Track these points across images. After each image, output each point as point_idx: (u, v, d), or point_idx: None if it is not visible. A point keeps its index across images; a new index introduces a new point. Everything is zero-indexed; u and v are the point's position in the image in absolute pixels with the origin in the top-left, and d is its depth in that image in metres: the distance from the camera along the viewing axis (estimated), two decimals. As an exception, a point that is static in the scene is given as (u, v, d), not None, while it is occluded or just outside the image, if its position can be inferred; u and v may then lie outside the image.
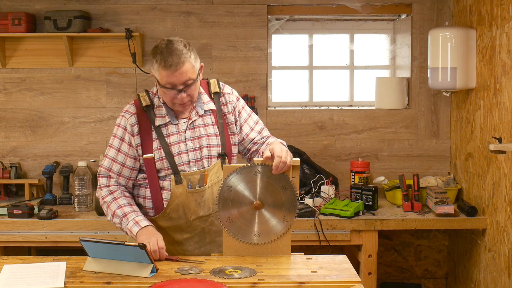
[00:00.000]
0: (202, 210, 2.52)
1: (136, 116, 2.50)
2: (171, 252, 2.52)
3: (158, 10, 4.18)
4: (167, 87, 2.40)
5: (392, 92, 4.28)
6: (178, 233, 2.53)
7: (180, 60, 2.35)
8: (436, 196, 3.68)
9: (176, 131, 2.51)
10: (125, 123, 2.51)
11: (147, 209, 2.55)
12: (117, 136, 2.52)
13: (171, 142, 2.49)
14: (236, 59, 4.21)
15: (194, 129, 2.52)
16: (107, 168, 2.52)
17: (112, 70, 4.19)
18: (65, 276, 2.15)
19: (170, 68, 2.35)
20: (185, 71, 2.37)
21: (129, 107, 2.55)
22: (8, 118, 4.21)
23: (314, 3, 4.24)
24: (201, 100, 2.56)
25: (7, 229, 3.58)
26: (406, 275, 4.44)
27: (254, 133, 2.64)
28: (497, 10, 3.44)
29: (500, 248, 3.45)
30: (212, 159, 2.52)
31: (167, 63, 2.35)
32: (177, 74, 2.36)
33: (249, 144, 2.64)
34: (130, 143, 2.50)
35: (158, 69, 2.39)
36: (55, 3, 4.13)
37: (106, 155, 2.54)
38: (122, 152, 2.50)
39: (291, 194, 2.40)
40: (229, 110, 2.61)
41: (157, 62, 2.38)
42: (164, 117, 2.50)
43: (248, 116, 2.65)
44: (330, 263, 2.33)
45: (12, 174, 4.07)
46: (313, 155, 4.24)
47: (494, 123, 3.50)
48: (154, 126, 2.49)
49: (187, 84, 2.40)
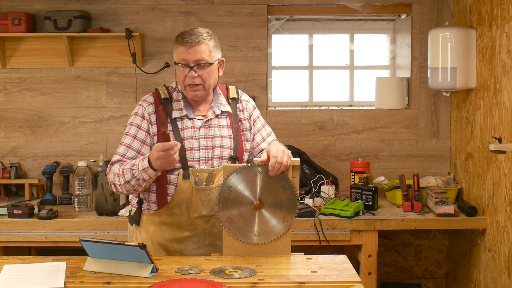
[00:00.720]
0: (206, 209, 2.51)
1: (153, 106, 2.52)
2: (168, 249, 2.53)
3: (158, 10, 4.18)
4: (180, 63, 2.45)
5: (392, 92, 4.28)
6: (178, 230, 2.52)
7: (197, 39, 2.45)
8: (436, 196, 3.68)
9: (191, 126, 2.52)
10: (142, 112, 2.52)
11: (150, 203, 2.54)
12: (134, 124, 2.52)
13: (185, 137, 2.50)
14: (236, 59, 4.21)
15: (209, 128, 2.54)
16: (121, 154, 2.50)
17: (112, 70, 4.20)
18: (65, 276, 2.15)
19: (186, 44, 2.44)
20: (200, 50, 2.44)
21: (147, 97, 2.58)
22: (8, 118, 4.21)
23: (314, 3, 4.24)
24: (218, 101, 2.59)
25: (7, 229, 3.58)
26: (406, 275, 4.44)
27: (265, 144, 2.67)
28: (497, 10, 3.44)
29: (500, 248, 3.45)
30: (223, 160, 2.53)
31: (184, 40, 2.44)
32: (191, 51, 2.43)
33: (259, 154, 2.67)
34: (148, 130, 2.51)
35: (177, 48, 2.47)
36: (55, 3, 4.13)
37: (121, 142, 2.52)
38: (139, 140, 2.50)
39: (291, 194, 2.40)
40: (245, 116, 2.64)
41: (177, 41, 2.48)
42: (181, 110, 2.52)
43: (262, 127, 2.70)
44: (330, 263, 2.33)
45: (12, 174, 4.07)
46: (313, 155, 4.24)
47: (494, 123, 3.50)
48: (171, 119, 2.50)
49: (200, 63, 2.45)
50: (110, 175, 2.49)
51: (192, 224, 2.52)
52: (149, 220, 2.55)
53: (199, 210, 2.51)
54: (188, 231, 2.53)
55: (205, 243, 2.56)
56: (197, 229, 2.53)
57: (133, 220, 2.60)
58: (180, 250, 2.53)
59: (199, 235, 2.54)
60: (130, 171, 2.40)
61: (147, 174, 2.37)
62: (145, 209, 2.56)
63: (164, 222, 2.52)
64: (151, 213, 2.53)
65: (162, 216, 2.52)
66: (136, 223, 2.59)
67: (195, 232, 2.54)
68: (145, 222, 2.56)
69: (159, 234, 2.53)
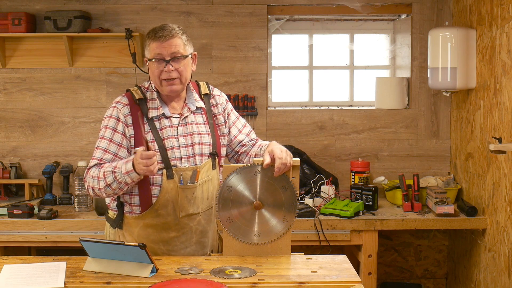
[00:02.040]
0: (192, 208, 2.49)
1: (129, 107, 2.48)
2: (155, 251, 2.49)
3: (158, 10, 4.18)
4: (155, 58, 2.43)
5: (392, 92, 4.28)
6: (164, 231, 2.49)
7: (170, 33, 2.43)
8: (436, 196, 3.68)
9: (169, 125, 2.49)
10: (117, 114, 2.47)
11: (133, 206, 2.49)
12: (109, 127, 2.47)
13: (164, 136, 2.47)
14: (236, 59, 4.21)
15: (186, 126, 2.52)
16: (98, 158, 2.45)
17: (112, 70, 4.20)
18: (65, 276, 2.15)
19: (159, 39, 2.42)
20: (175, 43, 2.43)
21: (120, 99, 2.52)
22: (8, 118, 4.21)
23: (314, 3, 4.24)
24: (192, 97, 2.57)
25: (7, 229, 3.58)
26: (406, 275, 4.44)
27: (242, 135, 2.67)
28: (497, 10, 3.44)
29: (500, 248, 3.45)
30: (204, 157, 2.51)
31: (157, 35, 2.42)
32: (166, 45, 2.42)
33: (237, 146, 2.67)
34: (124, 133, 2.46)
35: (149, 44, 2.45)
36: (55, 3, 4.13)
37: (97, 147, 2.48)
38: (115, 143, 2.46)
39: (291, 194, 2.40)
40: (219, 111, 2.63)
41: (149, 37, 2.45)
42: (158, 109, 2.49)
43: (237, 119, 2.69)
44: (330, 263, 2.33)
45: (12, 174, 4.07)
46: (313, 155, 4.24)
47: (494, 123, 3.50)
48: (147, 119, 2.47)
49: (175, 56, 2.43)
50: (88, 179, 2.44)
51: (178, 224, 2.49)
52: (132, 224, 2.50)
53: (185, 209, 2.48)
54: (174, 231, 2.50)
55: (192, 242, 2.53)
56: (184, 228, 2.50)
57: (116, 224, 2.54)
58: (168, 251, 2.50)
59: (186, 234, 2.51)
60: (112, 174, 2.36)
61: (130, 177, 2.33)
62: (127, 212, 2.51)
63: (149, 224, 2.48)
64: (134, 216, 2.49)
65: (147, 219, 2.48)
66: (119, 227, 2.53)
67: (182, 232, 2.51)
68: (128, 226, 2.51)
69: (144, 237, 2.49)
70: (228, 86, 4.21)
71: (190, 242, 2.53)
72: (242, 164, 2.41)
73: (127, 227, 2.52)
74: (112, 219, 2.56)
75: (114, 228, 2.56)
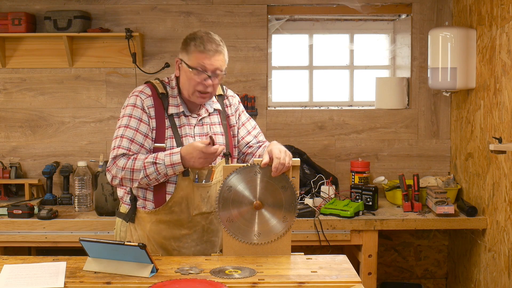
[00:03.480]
0: (205, 206, 2.51)
1: (152, 99, 2.48)
2: (166, 247, 2.51)
3: (158, 10, 4.18)
4: (198, 69, 2.43)
5: (392, 92, 4.28)
6: (177, 228, 2.51)
7: (218, 48, 2.45)
8: (436, 196, 3.68)
9: (187, 123, 2.52)
10: (141, 104, 2.46)
11: (147, 201, 2.51)
12: (134, 116, 2.45)
13: (182, 134, 2.50)
14: (236, 59, 4.21)
15: (203, 126, 2.55)
16: (126, 148, 2.41)
17: (112, 70, 4.20)
18: (65, 276, 2.15)
19: (208, 52, 2.43)
20: (219, 59, 2.46)
21: (143, 88, 2.52)
22: (8, 118, 4.21)
23: (314, 3, 4.24)
24: (210, 99, 2.59)
25: (7, 229, 3.58)
26: (406, 275, 4.44)
27: (250, 137, 2.69)
28: (497, 10, 3.44)
29: (500, 248, 3.45)
30: (218, 157, 2.52)
31: (206, 48, 2.43)
32: (213, 60, 2.44)
33: (244, 147, 2.69)
34: (149, 123, 2.46)
35: (194, 52, 2.44)
36: (55, 3, 4.13)
37: (122, 135, 2.43)
38: (141, 133, 2.44)
39: (291, 194, 2.40)
40: (232, 112, 2.66)
41: (195, 45, 2.44)
42: (178, 106, 2.51)
43: (247, 120, 2.72)
44: (330, 263, 2.33)
45: (12, 174, 4.07)
46: (313, 155, 4.24)
47: (494, 123, 3.50)
48: (168, 114, 2.48)
49: (216, 73, 2.45)
50: (115, 169, 2.39)
51: (191, 222, 2.51)
52: (145, 218, 2.52)
53: (199, 207, 2.50)
54: (186, 229, 2.52)
55: (203, 240, 2.55)
56: (196, 226, 2.53)
57: (128, 218, 2.56)
58: (178, 248, 2.53)
59: (198, 232, 2.54)
60: (154, 165, 2.35)
61: (174, 169, 2.36)
62: (140, 207, 2.53)
63: (162, 220, 2.50)
64: (147, 211, 2.51)
65: (160, 215, 2.50)
66: (131, 220, 2.55)
67: (194, 230, 2.53)
68: (141, 220, 2.54)
69: (156, 232, 2.52)
70: (228, 86, 4.16)
71: (201, 240, 2.55)
72: (242, 164, 2.41)
73: (139, 221, 2.53)
74: (124, 214, 2.58)
75: (126, 221, 2.56)
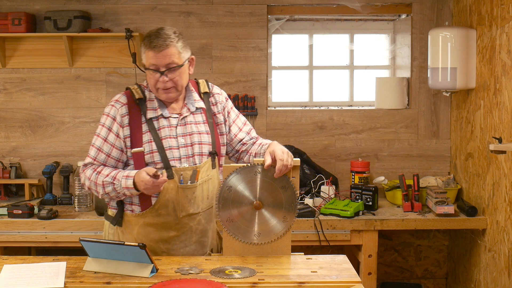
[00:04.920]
0: (192, 207, 2.49)
1: (127, 107, 2.49)
2: (154, 250, 2.49)
3: (158, 10, 4.18)
4: (150, 68, 2.43)
5: (392, 92, 4.28)
6: (165, 230, 2.50)
7: (165, 43, 2.40)
8: (436, 196, 3.68)
9: (167, 125, 2.49)
10: (114, 113, 2.49)
11: (134, 205, 2.50)
12: (105, 125, 2.49)
13: (162, 136, 2.47)
14: (236, 59, 4.21)
15: (185, 126, 2.52)
16: (92, 157, 2.49)
17: (112, 70, 4.20)
18: (65, 276, 2.16)
19: (154, 49, 2.40)
20: (169, 54, 2.41)
21: (119, 97, 2.53)
22: (8, 118, 4.21)
23: (314, 3, 4.24)
24: (192, 98, 2.56)
25: (7, 229, 3.58)
26: (406, 275, 4.44)
27: (243, 134, 2.66)
28: (497, 10, 3.44)
29: (500, 248, 3.45)
30: (203, 157, 2.51)
31: (152, 44, 2.40)
32: (160, 56, 2.40)
33: (238, 144, 2.66)
34: (117, 133, 2.47)
35: (145, 52, 2.45)
36: (55, 3, 4.13)
37: (93, 144, 2.51)
38: (109, 143, 2.47)
39: (291, 194, 2.40)
40: (219, 110, 2.62)
41: (144, 45, 2.44)
42: (156, 109, 2.49)
43: (237, 117, 2.68)
44: (330, 263, 2.33)
45: (12, 174, 4.07)
46: (313, 155, 4.24)
47: (494, 123, 3.50)
48: (146, 119, 2.47)
49: (170, 67, 2.42)
50: (85, 180, 2.49)
51: (179, 224, 2.49)
52: (132, 222, 2.51)
53: (186, 208, 2.48)
54: (174, 231, 2.50)
55: (192, 241, 2.53)
56: (184, 228, 2.51)
57: (115, 222, 2.55)
58: (167, 250, 2.51)
59: (186, 233, 2.52)
60: (112, 186, 2.41)
61: (129, 192, 2.40)
62: (127, 210, 2.52)
63: (149, 223, 2.49)
64: (134, 214, 2.49)
65: (147, 218, 2.48)
66: (119, 224, 2.54)
67: (182, 231, 2.51)
68: (128, 223, 2.52)
69: (144, 235, 2.50)
70: (228, 86, 4.21)
71: (190, 242, 2.53)
72: (242, 164, 2.41)
73: (127, 225, 2.52)
74: (112, 217, 2.57)
75: (114, 225, 2.56)
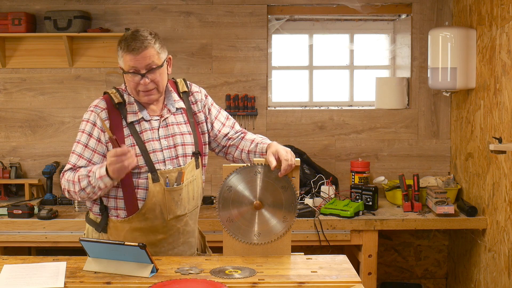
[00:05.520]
0: (179, 209, 2.47)
1: (106, 112, 2.45)
2: None
3: (158, 10, 4.18)
4: (130, 72, 2.39)
5: (392, 92, 4.28)
6: (152, 234, 2.47)
7: (143, 45, 2.37)
8: (436, 196, 3.68)
9: (149, 128, 2.46)
10: (94, 118, 2.45)
11: (119, 209, 2.46)
12: (85, 131, 2.44)
13: (145, 139, 2.44)
14: (236, 59, 4.21)
15: (167, 127, 2.49)
16: (73, 163, 2.43)
17: (112, 70, 4.20)
18: (65, 276, 2.15)
19: (132, 51, 2.36)
20: (148, 55, 2.37)
21: (98, 102, 2.49)
22: (8, 118, 4.21)
23: (314, 3, 4.24)
24: (171, 98, 2.53)
25: (7, 229, 3.58)
26: (406, 275, 4.44)
27: (227, 128, 2.63)
28: (497, 10, 3.44)
29: (500, 248, 3.45)
30: (187, 158, 2.49)
31: (130, 47, 2.37)
32: (140, 58, 2.37)
33: (223, 139, 2.63)
34: (99, 138, 2.44)
35: (123, 55, 2.40)
36: (55, 3, 4.13)
37: (73, 151, 2.44)
38: (90, 148, 2.43)
39: (291, 194, 2.40)
40: (199, 108, 2.59)
41: (121, 48, 2.40)
42: (136, 113, 2.45)
43: (218, 113, 2.65)
44: (330, 263, 2.33)
45: (12, 174, 4.07)
46: (313, 155, 4.24)
47: (494, 123, 3.50)
48: (127, 123, 2.44)
49: (150, 68, 2.39)
50: (63, 181, 2.42)
51: (166, 226, 2.47)
52: (118, 227, 2.47)
53: (173, 211, 2.46)
54: (162, 234, 2.48)
55: (179, 242, 2.52)
56: (171, 230, 2.49)
57: (100, 228, 2.50)
58: (155, 253, 2.46)
59: (173, 235, 2.50)
60: (87, 178, 2.34)
61: (104, 182, 2.31)
62: (112, 216, 2.48)
63: (136, 228, 2.46)
64: (120, 220, 2.46)
65: (134, 222, 2.45)
66: (104, 231, 2.50)
67: (170, 234, 2.49)
68: (114, 229, 2.48)
69: (131, 240, 2.41)
70: (228, 86, 4.21)
71: (178, 243, 2.52)
72: (242, 164, 2.41)
73: (113, 231, 2.48)
74: (96, 223, 2.52)
75: (98, 231, 2.52)
